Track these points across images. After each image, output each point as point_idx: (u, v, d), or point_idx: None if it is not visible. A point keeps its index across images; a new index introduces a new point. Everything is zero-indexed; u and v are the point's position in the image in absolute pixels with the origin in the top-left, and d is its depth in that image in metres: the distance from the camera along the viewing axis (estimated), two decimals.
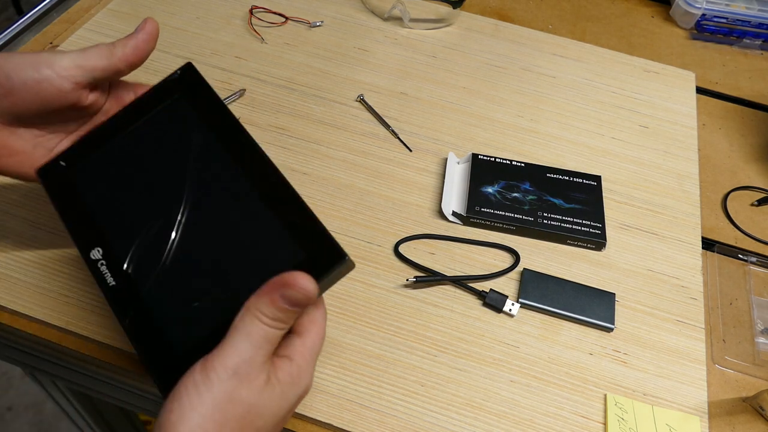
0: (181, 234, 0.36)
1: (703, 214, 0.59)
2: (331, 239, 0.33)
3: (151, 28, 0.37)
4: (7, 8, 1.87)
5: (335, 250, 0.33)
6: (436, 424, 0.43)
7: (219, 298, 0.34)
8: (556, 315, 0.49)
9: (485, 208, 0.54)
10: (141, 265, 0.35)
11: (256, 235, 0.35)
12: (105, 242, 0.36)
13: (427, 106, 0.64)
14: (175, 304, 0.34)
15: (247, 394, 0.30)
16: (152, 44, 0.37)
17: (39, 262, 0.48)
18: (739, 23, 0.78)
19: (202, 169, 0.37)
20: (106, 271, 0.36)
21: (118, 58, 0.36)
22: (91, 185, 0.38)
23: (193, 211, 0.36)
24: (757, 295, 0.54)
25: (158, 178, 0.37)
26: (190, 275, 0.35)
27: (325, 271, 0.33)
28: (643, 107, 0.67)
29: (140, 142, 0.38)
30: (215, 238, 0.35)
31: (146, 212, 0.36)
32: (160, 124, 0.38)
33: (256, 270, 0.34)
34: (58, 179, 0.38)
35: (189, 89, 0.38)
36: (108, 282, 0.35)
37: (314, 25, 0.70)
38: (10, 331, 0.47)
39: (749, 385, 0.48)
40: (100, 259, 0.36)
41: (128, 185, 0.37)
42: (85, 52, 0.36)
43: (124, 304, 0.35)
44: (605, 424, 0.44)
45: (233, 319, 0.31)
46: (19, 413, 1.31)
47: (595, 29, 0.78)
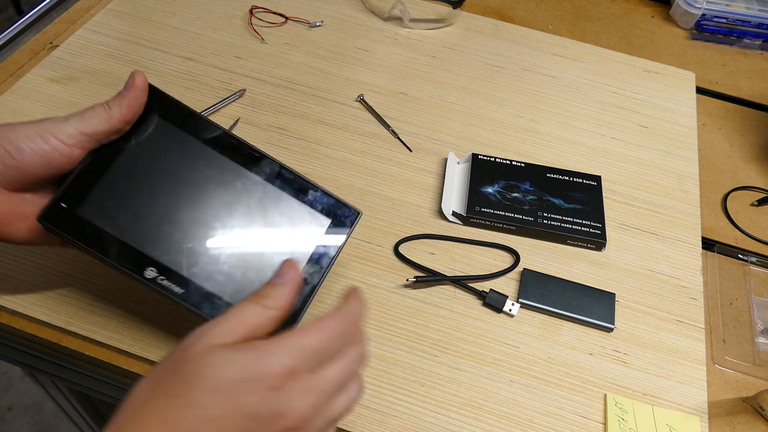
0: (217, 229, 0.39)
1: (703, 214, 0.59)
2: (345, 203, 0.42)
3: (140, 82, 0.38)
4: (7, 8, 1.87)
5: (351, 210, 0.42)
6: (436, 424, 0.43)
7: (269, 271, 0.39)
8: (556, 315, 0.49)
9: (485, 208, 0.54)
10: (196, 265, 0.39)
11: (283, 213, 0.40)
12: (155, 261, 0.38)
13: (427, 106, 0.64)
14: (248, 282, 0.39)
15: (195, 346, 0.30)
16: (144, 98, 0.39)
17: (39, 262, 0.48)
18: (739, 23, 0.78)
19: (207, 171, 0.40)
20: (169, 284, 0.38)
21: (116, 119, 0.38)
22: (107, 216, 0.39)
23: (217, 208, 0.40)
24: (757, 295, 0.54)
25: (167, 189, 0.39)
26: (242, 261, 0.39)
27: (350, 226, 0.41)
28: (643, 107, 0.67)
29: (134, 164, 0.39)
30: (247, 223, 0.40)
31: (174, 222, 0.39)
32: (145, 145, 0.40)
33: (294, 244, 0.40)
34: (67, 219, 0.39)
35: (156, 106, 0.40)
36: (177, 291, 0.38)
37: (314, 25, 0.70)
38: (10, 331, 0.47)
39: (749, 385, 0.48)
40: (158, 276, 0.38)
41: (141, 203, 0.39)
42: (85, 118, 0.37)
43: (199, 302, 0.38)
44: (605, 424, 0.44)
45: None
46: (19, 413, 1.31)
47: (595, 29, 0.78)
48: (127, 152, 0.39)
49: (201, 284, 0.39)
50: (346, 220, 0.41)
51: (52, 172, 0.37)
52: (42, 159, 0.36)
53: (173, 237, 0.39)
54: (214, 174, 0.40)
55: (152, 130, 0.40)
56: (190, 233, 0.39)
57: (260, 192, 0.40)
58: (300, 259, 0.40)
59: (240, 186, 0.40)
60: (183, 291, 0.38)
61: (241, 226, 0.40)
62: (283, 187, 0.41)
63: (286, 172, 0.41)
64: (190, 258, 0.39)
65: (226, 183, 0.40)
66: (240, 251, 0.39)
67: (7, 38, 0.66)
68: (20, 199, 0.38)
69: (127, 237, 0.39)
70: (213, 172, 0.40)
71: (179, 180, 0.40)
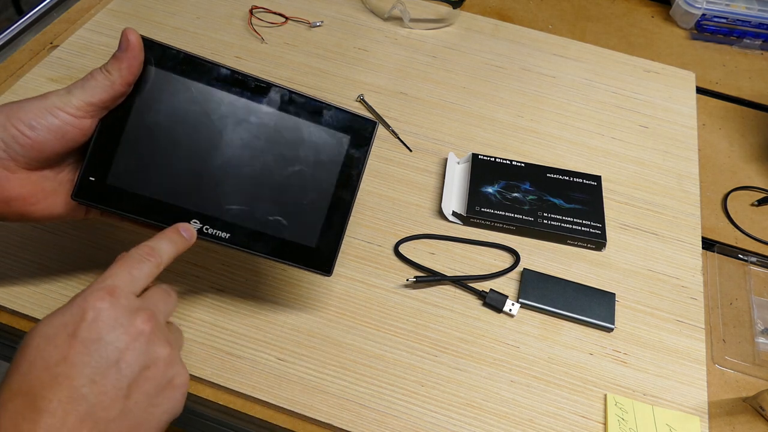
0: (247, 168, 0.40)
1: (703, 214, 0.59)
2: (360, 116, 0.42)
3: (134, 40, 0.37)
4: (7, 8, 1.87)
5: (368, 121, 0.42)
6: (436, 424, 0.43)
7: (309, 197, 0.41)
8: (556, 315, 0.49)
9: (485, 208, 0.54)
10: (236, 209, 0.40)
11: (305, 139, 0.41)
12: (195, 212, 0.40)
13: (427, 106, 0.64)
14: (286, 214, 0.41)
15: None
16: (141, 56, 0.38)
17: (39, 262, 0.48)
18: (739, 23, 0.78)
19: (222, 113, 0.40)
20: (215, 232, 0.40)
21: (118, 84, 0.37)
22: (136, 178, 0.39)
23: (241, 147, 0.40)
24: (757, 295, 0.54)
25: (186, 138, 0.40)
26: (278, 193, 0.41)
27: (370, 137, 0.42)
28: (643, 107, 0.67)
29: (146, 121, 0.39)
30: (273, 156, 0.41)
31: (199, 170, 0.40)
32: (149, 99, 0.39)
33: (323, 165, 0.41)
34: (100, 191, 0.39)
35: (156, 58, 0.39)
36: (224, 237, 0.40)
37: (314, 25, 0.70)
38: (10, 331, 0.47)
39: (749, 385, 0.48)
40: (202, 226, 0.40)
41: (164, 158, 0.40)
42: (88, 88, 0.37)
43: (247, 242, 0.41)
44: (605, 424, 0.44)
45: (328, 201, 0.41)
46: None
47: (595, 29, 0.78)
48: (136, 112, 0.39)
49: (245, 225, 0.40)
50: (365, 132, 0.42)
51: (67, 145, 0.38)
52: (55, 134, 0.37)
53: (205, 185, 0.40)
54: (226, 114, 0.40)
55: (154, 83, 0.39)
56: (220, 177, 0.40)
57: (276, 122, 0.40)
58: (329, 178, 0.41)
59: (255, 120, 0.40)
60: (230, 235, 0.40)
61: (266, 160, 0.40)
62: (297, 112, 0.41)
63: (296, 96, 0.41)
64: (228, 202, 0.40)
65: (240, 121, 0.40)
66: (272, 185, 0.41)
67: (7, 38, 0.66)
68: (41, 177, 0.38)
69: (161, 195, 0.39)
70: (225, 112, 0.40)
71: (194, 128, 0.40)
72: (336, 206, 0.42)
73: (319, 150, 0.41)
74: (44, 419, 0.28)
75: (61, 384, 0.29)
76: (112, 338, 0.31)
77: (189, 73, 0.40)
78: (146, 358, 0.32)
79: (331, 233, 0.42)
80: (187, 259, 0.49)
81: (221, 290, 0.48)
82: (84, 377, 0.30)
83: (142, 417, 0.32)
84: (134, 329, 0.32)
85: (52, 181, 0.39)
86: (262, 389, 0.43)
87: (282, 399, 0.43)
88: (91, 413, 0.30)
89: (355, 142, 0.41)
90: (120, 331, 0.32)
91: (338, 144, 0.41)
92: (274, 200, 0.41)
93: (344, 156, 0.41)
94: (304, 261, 0.42)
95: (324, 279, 0.49)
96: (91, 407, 0.30)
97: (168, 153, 0.39)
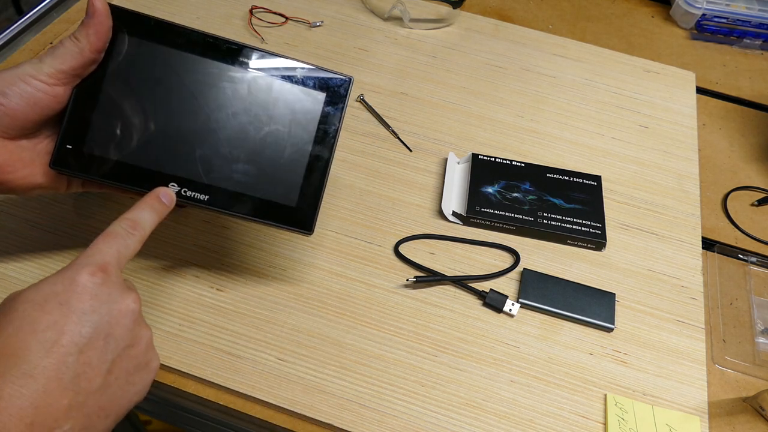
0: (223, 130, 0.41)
1: (703, 214, 0.59)
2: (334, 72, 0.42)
3: (100, 6, 0.38)
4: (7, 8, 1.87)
5: (343, 78, 0.42)
6: (436, 424, 0.43)
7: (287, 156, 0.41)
8: (556, 315, 0.49)
9: (485, 208, 0.54)
10: (213, 170, 0.40)
11: (281, 99, 0.41)
12: (173, 175, 0.40)
13: (427, 106, 0.64)
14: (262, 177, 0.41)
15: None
16: (108, 22, 0.38)
17: (39, 262, 0.48)
18: (739, 23, 0.78)
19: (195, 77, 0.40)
20: (194, 194, 0.40)
21: (87, 50, 0.38)
22: (113, 145, 0.40)
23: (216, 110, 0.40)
24: (757, 295, 0.54)
25: (160, 102, 0.40)
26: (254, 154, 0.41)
27: (345, 93, 0.42)
28: (643, 107, 0.67)
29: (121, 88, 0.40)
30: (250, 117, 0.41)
31: (179, 132, 0.40)
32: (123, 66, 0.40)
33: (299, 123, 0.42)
34: (77, 159, 0.39)
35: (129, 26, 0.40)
36: (203, 199, 0.40)
37: (314, 25, 0.70)
38: None
39: (749, 385, 0.48)
40: (180, 188, 0.40)
41: (140, 124, 0.40)
42: (58, 55, 0.37)
43: (227, 203, 0.41)
44: (605, 424, 0.44)
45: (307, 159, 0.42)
46: None
47: (595, 29, 0.78)
48: (110, 79, 0.40)
49: (223, 186, 0.41)
50: (339, 89, 0.42)
51: (42, 113, 0.38)
52: (28, 101, 0.37)
53: (182, 149, 0.40)
54: (200, 77, 0.40)
55: (127, 51, 0.40)
56: (197, 140, 0.40)
57: (250, 83, 0.41)
58: (307, 136, 0.42)
59: (229, 83, 0.41)
60: (208, 197, 0.40)
61: (242, 121, 0.41)
62: (271, 73, 0.41)
63: (270, 57, 0.41)
64: (205, 164, 0.40)
65: (214, 83, 0.41)
66: (249, 146, 0.41)
67: (7, 38, 0.66)
68: (18, 147, 0.39)
69: (138, 160, 0.40)
70: (199, 75, 0.40)
71: (169, 93, 0.40)
72: (314, 164, 0.42)
73: (295, 109, 0.42)
74: (28, 383, 0.29)
75: (49, 350, 0.30)
76: (104, 312, 0.32)
77: (162, 39, 0.40)
78: (132, 336, 0.33)
79: (310, 191, 0.42)
80: (187, 259, 0.49)
81: (221, 290, 0.48)
82: (73, 346, 0.30)
83: (118, 394, 0.32)
84: (125, 306, 0.33)
85: (30, 151, 0.39)
86: (262, 389, 0.43)
87: (282, 399, 0.43)
88: (74, 382, 0.30)
89: (330, 100, 0.42)
90: (112, 306, 0.32)
91: (313, 102, 0.42)
92: (252, 161, 0.41)
93: (320, 114, 0.42)
94: (284, 220, 0.42)
95: (324, 278, 0.49)
96: (75, 377, 0.30)
97: (143, 119, 0.40)
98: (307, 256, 0.51)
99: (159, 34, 0.40)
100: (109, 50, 0.39)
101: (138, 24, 0.40)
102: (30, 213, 0.50)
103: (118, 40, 0.40)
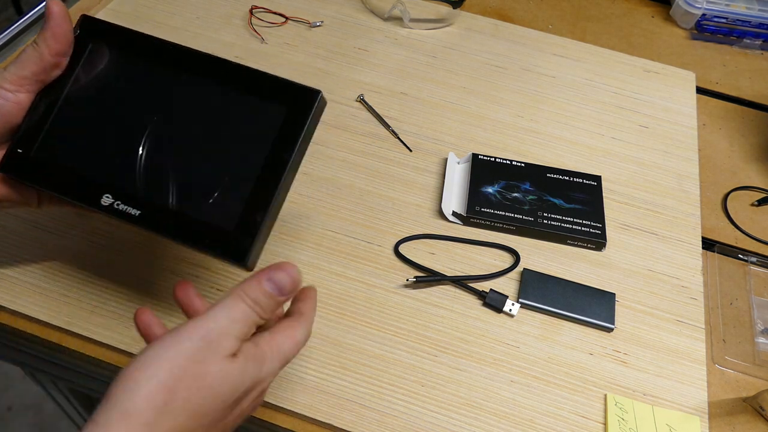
0: (170, 146, 0.38)
1: (703, 214, 0.59)
2: (300, 85, 0.37)
3: (56, 9, 0.37)
4: (7, 8, 1.87)
5: (309, 91, 0.36)
6: (436, 424, 0.43)
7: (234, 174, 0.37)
8: (556, 315, 0.49)
9: (485, 208, 0.54)
10: (153, 186, 0.38)
11: (237, 113, 0.37)
12: (109, 186, 0.38)
13: (427, 106, 0.64)
14: (203, 196, 0.37)
15: (211, 359, 0.30)
16: (65, 24, 0.38)
17: (39, 262, 0.48)
18: (739, 23, 0.78)
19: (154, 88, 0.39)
20: (125, 208, 0.38)
21: (46, 53, 0.37)
22: (60, 152, 0.39)
23: (168, 124, 0.38)
24: (757, 295, 0.54)
25: (117, 115, 0.39)
26: (199, 172, 0.38)
27: (309, 109, 0.36)
28: (643, 107, 0.67)
29: (82, 98, 0.39)
30: (201, 133, 0.38)
31: (126, 146, 0.38)
32: (89, 77, 0.39)
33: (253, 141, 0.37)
34: (25, 164, 0.39)
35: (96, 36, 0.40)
36: (133, 214, 0.37)
37: (314, 25, 0.70)
38: (10, 331, 0.47)
39: (749, 385, 0.48)
40: (114, 201, 0.38)
41: (96, 135, 0.39)
42: (19, 61, 0.37)
43: (158, 222, 0.37)
44: (605, 424, 0.44)
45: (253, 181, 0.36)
46: (19, 413, 1.31)
47: (595, 29, 0.78)
48: (71, 87, 0.39)
49: (159, 203, 0.37)
50: (303, 104, 0.37)
51: (5, 121, 0.38)
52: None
53: (125, 160, 0.38)
54: (157, 87, 0.39)
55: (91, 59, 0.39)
56: (143, 153, 0.38)
57: (205, 94, 0.38)
58: (258, 155, 0.37)
59: (184, 93, 0.38)
60: (140, 212, 0.37)
61: (193, 134, 0.38)
62: (228, 84, 0.38)
63: (227, 65, 0.38)
64: (146, 178, 0.38)
65: (169, 94, 0.39)
66: (194, 161, 0.38)
67: (7, 38, 0.66)
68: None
69: (80, 169, 0.38)
70: (155, 85, 0.39)
71: (123, 102, 0.39)
72: (262, 187, 0.36)
73: (249, 124, 0.37)
74: None
75: None
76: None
77: (125, 48, 0.39)
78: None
79: (252, 218, 0.36)
80: (187, 258, 0.49)
81: (221, 290, 0.48)
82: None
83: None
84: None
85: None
86: None
87: (282, 399, 0.43)
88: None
89: (291, 116, 0.37)
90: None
91: (271, 118, 0.37)
92: (195, 178, 0.37)
93: (277, 131, 0.37)
94: (216, 246, 0.36)
95: (324, 278, 0.49)
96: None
97: (95, 127, 0.39)
98: (307, 256, 0.51)
99: (124, 44, 0.39)
100: (77, 58, 0.39)
101: (106, 33, 0.39)
102: (30, 213, 0.50)
103: (85, 48, 0.39)
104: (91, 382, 0.54)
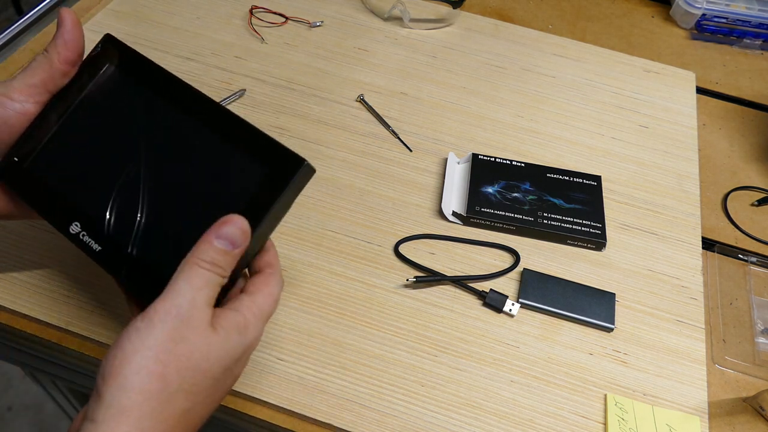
0: (149, 187, 0.37)
1: (703, 214, 0.59)
2: (287, 150, 0.35)
3: (67, 17, 0.37)
4: (7, 8, 1.87)
5: (294, 158, 0.34)
6: (436, 424, 0.43)
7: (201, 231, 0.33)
8: (556, 315, 0.49)
9: (485, 208, 0.54)
10: (120, 225, 0.37)
11: (218, 166, 0.36)
12: (80, 215, 0.37)
13: (427, 106, 0.64)
14: (164, 249, 0.36)
15: (191, 335, 0.30)
16: (78, 31, 0.38)
17: (39, 262, 0.48)
18: (740, 23, 0.78)
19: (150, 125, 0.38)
20: (89, 240, 0.37)
21: (56, 61, 0.37)
22: (50, 169, 0.38)
23: (153, 164, 0.37)
24: (757, 295, 0.54)
25: (111, 144, 0.38)
26: (168, 220, 0.36)
27: (291, 176, 0.34)
28: (643, 107, 0.67)
29: (85, 118, 0.39)
30: (182, 180, 0.37)
31: (110, 178, 0.37)
32: (97, 98, 0.39)
33: (228, 197, 0.35)
34: (17, 174, 0.39)
35: (115, 58, 0.39)
36: (94, 248, 0.37)
37: (314, 25, 0.70)
38: (10, 331, 0.47)
39: (749, 385, 0.48)
40: (80, 231, 0.37)
41: (86, 159, 0.38)
42: (28, 70, 0.37)
43: (116, 263, 0.36)
44: (605, 424, 0.44)
45: None
46: (19, 413, 1.31)
47: (595, 29, 0.78)
48: (78, 107, 0.39)
49: (122, 244, 0.36)
50: (284, 171, 0.34)
51: (11, 132, 0.38)
52: (4, 124, 0.37)
53: (104, 192, 0.37)
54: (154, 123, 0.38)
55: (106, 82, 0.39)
56: (121, 188, 0.37)
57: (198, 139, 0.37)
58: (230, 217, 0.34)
59: (175, 136, 0.37)
60: (101, 249, 0.37)
61: (173, 180, 0.37)
62: (221, 131, 0.36)
63: (222, 113, 0.37)
64: (117, 214, 0.37)
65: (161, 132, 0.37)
66: (168, 207, 0.36)
67: (7, 38, 0.66)
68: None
69: (60, 191, 0.38)
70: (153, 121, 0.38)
71: (119, 132, 0.38)
72: None
73: (231, 180, 0.35)
74: None
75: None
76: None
77: (137, 76, 0.39)
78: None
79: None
80: None
81: None
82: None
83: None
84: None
85: None
86: (262, 389, 0.43)
87: (282, 399, 0.43)
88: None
89: (270, 180, 0.34)
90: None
91: (252, 177, 0.35)
92: (165, 225, 0.36)
93: (251, 192, 0.35)
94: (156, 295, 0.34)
95: (324, 278, 0.49)
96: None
97: (86, 152, 0.38)
98: (307, 256, 0.51)
99: (138, 72, 0.39)
100: (90, 76, 0.39)
101: (125, 58, 0.39)
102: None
103: (104, 70, 0.39)
104: (91, 382, 0.54)
